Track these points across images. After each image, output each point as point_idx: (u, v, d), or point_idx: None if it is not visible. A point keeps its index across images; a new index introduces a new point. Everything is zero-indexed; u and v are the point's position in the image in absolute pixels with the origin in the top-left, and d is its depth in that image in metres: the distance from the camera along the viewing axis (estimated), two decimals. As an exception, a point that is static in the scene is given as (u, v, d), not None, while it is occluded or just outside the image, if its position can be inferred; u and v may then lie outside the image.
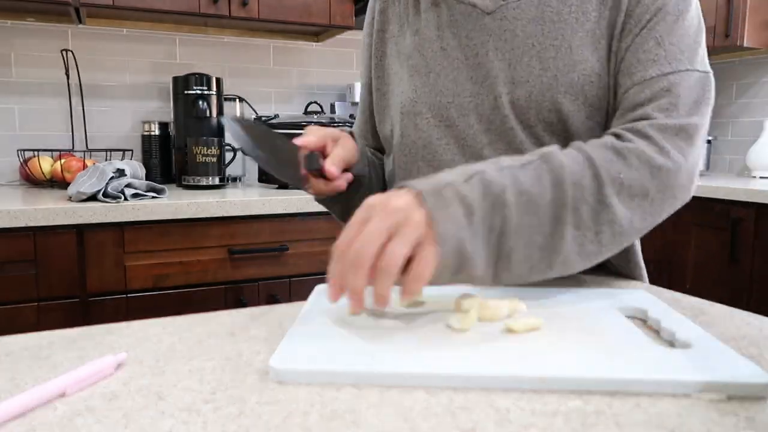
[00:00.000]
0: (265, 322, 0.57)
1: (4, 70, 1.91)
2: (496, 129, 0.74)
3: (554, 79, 0.71)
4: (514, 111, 0.73)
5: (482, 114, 0.75)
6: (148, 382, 0.43)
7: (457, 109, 0.76)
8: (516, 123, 0.73)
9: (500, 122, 0.74)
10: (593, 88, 0.71)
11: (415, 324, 0.53)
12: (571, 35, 0.72)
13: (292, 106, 2.29)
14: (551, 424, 0.37)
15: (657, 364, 0.44)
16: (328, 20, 1.95)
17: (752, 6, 2.25)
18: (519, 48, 0.73)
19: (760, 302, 1.93)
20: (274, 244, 1.65)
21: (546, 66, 0.72)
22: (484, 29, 0.75)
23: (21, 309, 1.40)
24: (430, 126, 0.78)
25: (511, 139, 0.74)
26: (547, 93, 0.71)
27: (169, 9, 1.75)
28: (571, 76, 0.71)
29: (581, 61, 0.71)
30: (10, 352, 0.49)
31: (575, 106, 0.71)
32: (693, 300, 0.66)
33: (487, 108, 0.75)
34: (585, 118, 0.72)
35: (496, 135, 0.75)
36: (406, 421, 0.38)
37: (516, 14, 0.74)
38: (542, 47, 0.72)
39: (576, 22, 0.72)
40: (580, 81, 0.71)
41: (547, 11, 0.73)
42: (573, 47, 0.71)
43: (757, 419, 0.38)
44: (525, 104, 0.73)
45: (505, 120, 0.74)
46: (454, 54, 0.77)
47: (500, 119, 0.74)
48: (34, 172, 1.79)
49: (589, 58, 0.71)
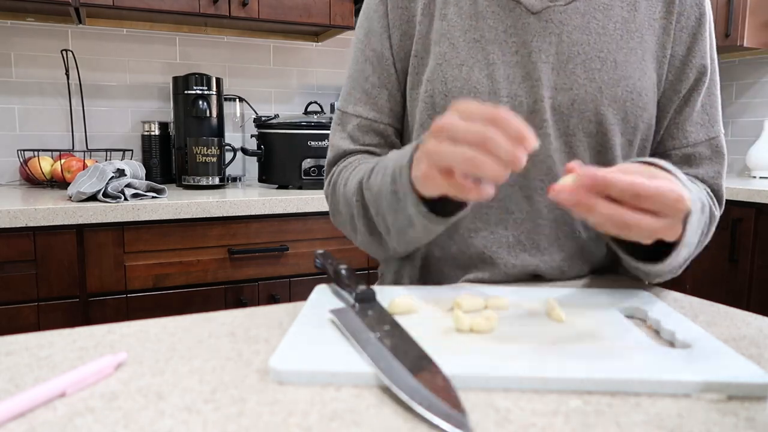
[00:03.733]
0: (265, 322, 0.57)
1: (4, 70, 1.92)
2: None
3: (599, 90, 0.71)
4: (554, 117, 0.72)
5: (519, 116, 0.73)
6: (148, 382, 0.43)
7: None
8: (554, 129, 0.72)
9: (537, 127, 0.72)
10: (634, 106, 0.72)
11: (415, 324, 0.53)
12: (617, 50, 0.72)
13: (292, 106, 2.29)
14: (551, 424, 0.37)
15: (657, 364, 0.44)
16: (328, 20, 1.95)
17: (752, 6, 2.25)
18: (564, 54, 0.72)
19: (760, 302, 1.92)
20: (274, 244, 1.65)
21: (591, 77, 0.72)
22: (527, 28, 0.73)
23: (21, 309, 1.40)
24: None
25: (545, 146, 0.72)
26: (591, 103, 0.71)
27: (169, 9, 1.75)
28: (615, 90, 0.72)
29: (626, 77, 0.72)
30: (10, 352, 0.49)
31: (616, 120, 0.72)
32: (693, 300, 0.66)
33: (526, 110, 0.72)
34: (620, 134, 0.73)
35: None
36: (406, 421, 0.37)
37: (562, 19, 0.72)
38: (588, 57, 0.72)
39: (621, 39, 0.73)
40: (623, 96, 0.72)
41: (593, 23, 0.73)
42: (618, 62, 0.72)
43: (757, 419, 0.38)
44: (567, 111, 0.72)
45: (543, 125, 0.72)
46: (490, 48, 0.73)
47: (538, 123, 0.72)
48: (34, 172, 1.79)
49: (632, 76, 0.72)
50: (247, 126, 2.21)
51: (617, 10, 0.74)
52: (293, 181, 1.86)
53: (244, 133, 2.22)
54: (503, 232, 0.74)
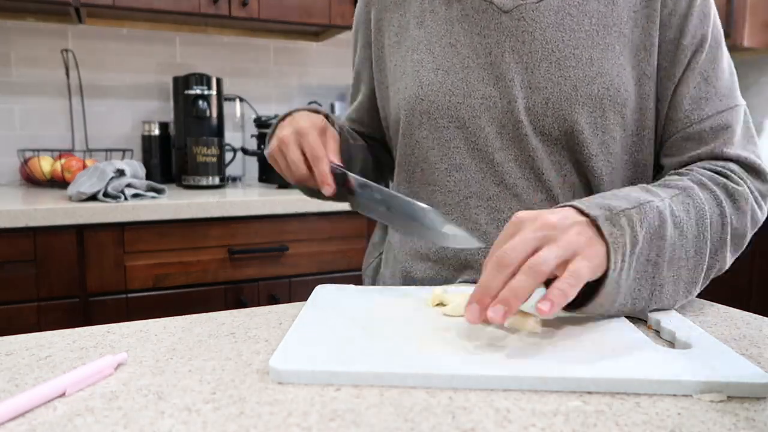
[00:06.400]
0: (265, 322, 0.57)
1: (4, 70, 1.91)
2: (509, 134, 0.72)
3: (574, 89, 0.70)
4: (529, 117, 0.71)
5: (494, 117, 0.72)
6: (148, 382, 0.43)
7: (468, 110, 0.73)
8: (530, 130, 0.71)
9: (513, 127, 0.71)
10: (612, 103, 0.70)
11: (415, 324, 0.53)
12: (592, 47, 0.70)
13: (292, 106, 2.29)
14: (551, 424, 0.37)
15: (657, 364, 0.44)
16: (328, 20, 1.95)
17: (752, 6, 2.25)
18: (537, 52, 0.71)
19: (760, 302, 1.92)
20: (274, 244, 1.65)
21: (566, 75, 0.70)
22: (500, 28, 0.72)
23: (21, 309, 1.40)
24: (439, 126, 0.75)
25: (524, 145, 0.72)
26: (566, 102, 0.70)
27: (169, 9, 1.75)
28: (591, 89, 0.69)
29: (602, 74, 0.70)
30: (10, 352, 0.49)
31: (592, 118, 0.70)
32: (693, 300, 0.66)
33: (500, 111, 0.72)
34: (601, 133, 0.71)
35: (508, 140, 0.72)
36: (406, 421, 0.38)
37: (534, 16, 0.71)
38: (562, 55, 0.70)
39: (597, 35, 0.71)
40: (599, 94, 0.69)
41: (566, 19, 0.71)
42: (594, 59, 0.70)
43: (757, 419, 0.38)
44: (541, 111, 0.71)
45: (518, 126, 0.71)
46: (465, 51, 0.73)
47: (513, 124, 0.71)
48: (34, 172, 1.79)
49: (609, 72, 0.70)
50: (247, 126, 2.21)
51: (593, 5, 0.71)
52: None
53: (244, 133, 2.22)
54: (495, 232, 0.73)
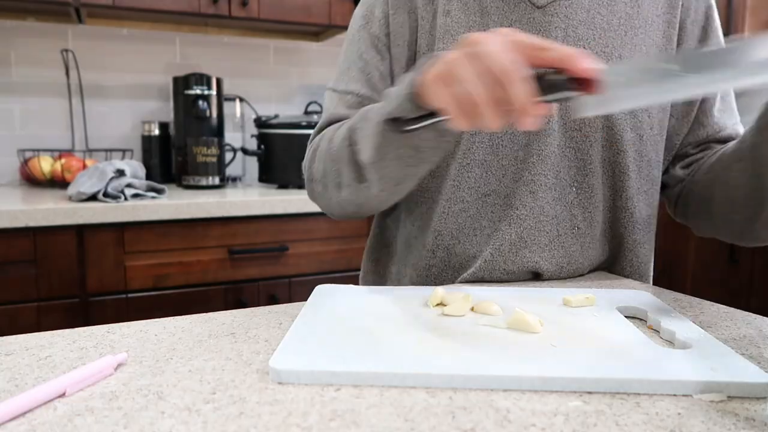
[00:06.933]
0: (265, 322, 0.57)
1: (4, 70, 1.91)
2: (536, 130, 0.72)
3: None
4: (560, 112, 0.73)
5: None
6: (148, 382, 0.43)
7: None
8: (559, 125, 0.73)
9: (542, 123, 0.72)
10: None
11: (415, 324, 0.53)
12: (621, 46, 0.72)
13: (293, 106, 2.29)
14: (551, 424, 0.37)
15: (657, 364, 0.44)
16: (328, 20, 1.95)
17: (752, 6, 2.25)
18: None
19: (760, 302, 1.93)
20: (274, 244, 1.65)
21: None
22: (533, 23, 0.72)
23: (21, 309, 1.40)
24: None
25: (550, 141, 0.72)
26: None
27: (169, 9, 1.75)
28: None
29: None
30: (10, 352, 0.49)
31: (623, 115, 0.73)
32: (693, 300, 0.66)
33: None
34: (630, 129, 0.73)
35: (535, 135, 0.72)
36: (406, 421, 0.38)
37: (567, 13, 0.72)
38: (593, 52, 0.72)
39: (626, 35, 0.73)
40: None
41: (597, 18, 0.73)
42: (623, 58, 0.72)
43: (757, 419, 0.38)
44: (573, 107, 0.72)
45: (548, 120, 0.72)
46: None
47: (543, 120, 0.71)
48: (34, 172, 1.79)
49: None
50: (247, 126, 2.21)
51: (621, 6, 0.74)
52: (293, 181, 1.86)
53: (244, 133, 2.22)
54: (506, 229, 0.74)
